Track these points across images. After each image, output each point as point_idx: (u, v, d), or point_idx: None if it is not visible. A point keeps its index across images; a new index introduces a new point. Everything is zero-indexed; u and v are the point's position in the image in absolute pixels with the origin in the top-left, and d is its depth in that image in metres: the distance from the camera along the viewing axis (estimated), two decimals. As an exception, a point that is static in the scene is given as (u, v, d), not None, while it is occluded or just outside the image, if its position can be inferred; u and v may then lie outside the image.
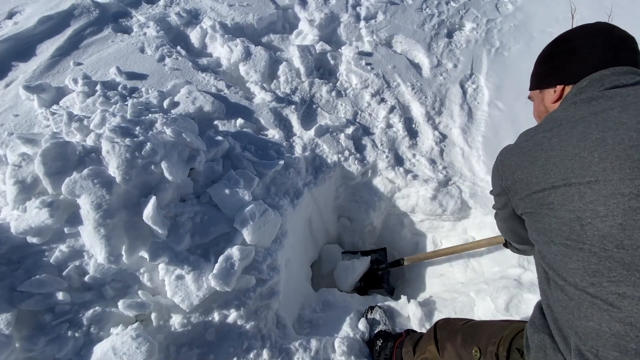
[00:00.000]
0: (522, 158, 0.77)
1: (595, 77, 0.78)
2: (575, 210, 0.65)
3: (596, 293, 0.62)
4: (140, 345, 1.12)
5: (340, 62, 2.62)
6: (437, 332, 1.16)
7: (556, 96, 0.88)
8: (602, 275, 0.62)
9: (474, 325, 1.07)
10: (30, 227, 1.24)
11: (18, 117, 1.85)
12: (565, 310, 0.68)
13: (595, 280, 0.63)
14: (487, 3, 3.33)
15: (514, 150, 0.80)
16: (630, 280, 0.59)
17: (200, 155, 1.54)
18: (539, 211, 0.72)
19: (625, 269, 0.59)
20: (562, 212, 0.67)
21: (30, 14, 2.46)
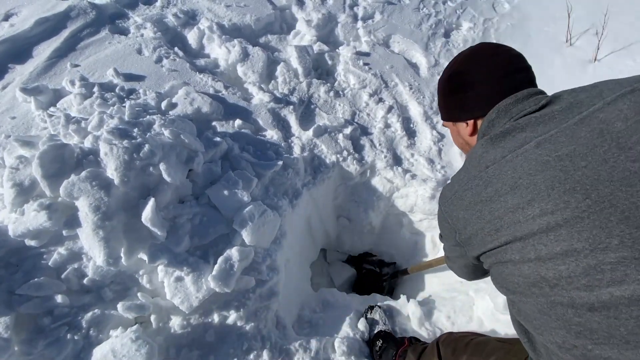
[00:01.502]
0: (467, 212, 0.73)
1: (501, 108, 0.76)
2: (537, 270, 0.61)
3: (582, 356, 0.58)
4: (139, 348, 1.11)
5: (338, 62, 2.62)
6: (441, 349, 1.15)
7: (470, 129, 0.87)
8: (586, 338, 0.57)
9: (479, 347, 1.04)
10: (29, 230, 1.23)
11: (15, 120, 1.84)
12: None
13: (578, 342, 0.58)
14: (484, 2, 3.34)
15: (456, 202, 0.76)
16: (613, 343, 0.55)
17: (199, 157, 1.54)
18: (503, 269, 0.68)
19: (605, 332, 0.55)
20: (526, 270, 0.63)
21: (27, 16, 2.44)
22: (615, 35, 2.68)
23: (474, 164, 0.75)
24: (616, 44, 2.66)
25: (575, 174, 0.59)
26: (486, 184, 0.69)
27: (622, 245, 0.53)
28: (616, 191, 0.55)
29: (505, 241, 0.65)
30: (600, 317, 0.55)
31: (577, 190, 0.57)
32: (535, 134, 0.67)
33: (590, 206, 0.56)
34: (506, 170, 0.66)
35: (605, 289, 0.54)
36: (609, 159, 0.57)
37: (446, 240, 0.90)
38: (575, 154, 0.60)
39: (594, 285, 0.55)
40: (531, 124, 0.69)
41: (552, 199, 0.59)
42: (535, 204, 0.61)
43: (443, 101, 0.94)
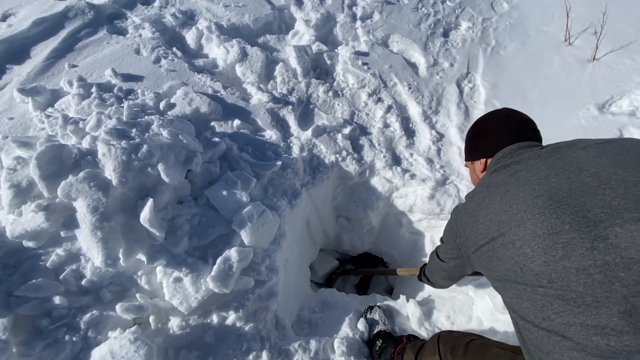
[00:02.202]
0: (469, 218, 0.93)
1: (506, 151, 1.02)
2: (512, 256, 0.77)
3: (549, 327, 0.70)
4: (138, 349, 1.11)
5: (337, 62, 2.62)
6: (440, 346, 1.16)
7: (482, 166, 1.13)
8: (548, 309, 0.70)
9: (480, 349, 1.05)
10: (26, 231, 1.23)
11: (13, 120, 1.84)
12: (536, 348, 0.75)
13: (544, 315, 0.71)
14: (483, 2, 3.34)
15: (463, 211, 0.98)
16: (568, 309, 0.67)
17: (197, 157, 1.54)
18: (490, 260, 0.85)
19: (561, 300, 0.68)
20: (505, 259, 0.79)
21: (25, 16, 2.44)
22: (614, 35, 2.68)
23: (481, 185, 0.98)
24: (615, 44, 2.66)
25: (546, 186, 0.79)
26: (485, 197, 0.90)
27: (571, 229, 0.71)
28: (572, 195, 0.75)
29: (492, 237, 0.83)
30: (557, 286, 0.69)
31: (545, 196, 0.77)
32: (526, 165, 0.90)
33: (551, 205, 0.75)
34: (501, 187, 0.88)
35: (559, 262, 0.70)
36: (571, 176, 0.78)
37: (446, 243, 1.10)
38: (550, 174, 0.81)
39: (550, 261, 0.71)
40: (524, 159, 0.93)
41: (526, 201, 0.79)
42: (514, 206, 0.80)
43: (467, 145, 1.22)
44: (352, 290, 2.51)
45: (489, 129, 1.12)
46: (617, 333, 0.62)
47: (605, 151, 0.81)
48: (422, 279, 1.52)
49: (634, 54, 2.56)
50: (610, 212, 0.69)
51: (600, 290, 0.65)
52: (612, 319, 0.63)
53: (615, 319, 0.63)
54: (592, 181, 0.75)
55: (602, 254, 0.66)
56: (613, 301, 0.63)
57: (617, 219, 0.68)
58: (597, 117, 2.21)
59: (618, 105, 2.27)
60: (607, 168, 0.76)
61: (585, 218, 0.70)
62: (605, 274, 0.65)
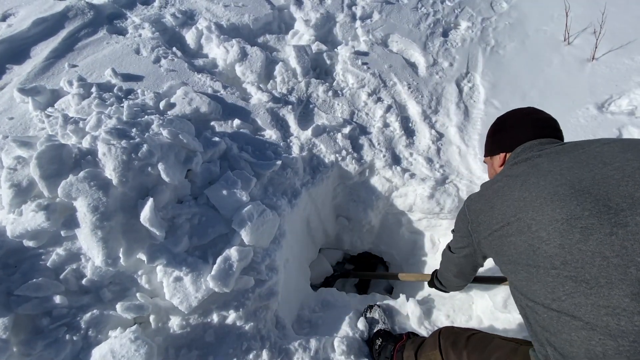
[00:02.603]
0: (484, 204, 0.96)
1: (527, 145, 1.04)
2: (527, 240, 0.79)
3: (559, 307, 0.72)
4: (139, 348, 1.11)
5: (337, 61, 2.62)
6: (441, 340, 1.16)
7: (501, 161, 1.15)
8: (559, 291, 0.72)
9: (482, 341, 1.05)
10: (27, 231, 1.23)
11: (13, 120, 1.84)
12: (543, 329, 0.77)
13: (555, 296, 0.73)
14: (482, 2, 3.34)
15: (478, 199, 1.01)
16: (580, 290, 0.69)
17: (197, 157, 1.54)
18: (502, 245, 0.87)
19: (573, 282, 0.70)
20: (519, 243, 0.81)
21: (24, 16, 2.44)
22: (613, 34, 2.68)
23: (500, 174, 1.01)
24: (614, 43, 2.67)
25: (568, 176, 0.81)
26: (503, 185, 0.93)
27: (591, 215, 0.72)
28: (594, 185, 0.76)
29: (507, 222, 0.85)
30: (570, 268, 0.71)
31: (567, 185, 0.79)
32: (548, 158, 0.91)
33: (572, 193, 0.77)
34: (521, 176, 0.90)
35: (575, 245, 0.71)
36: (594, 169, 0.80)
37: (457, 232, 1.14)
38: (573, 167, 0.83)
39: (565, 244, 0.73)
40: (546, 154, 0.94)
41: (546, 189, 0.81)
42: (534, 193, 0.82)
43: (488, 140, 1.25)
44: (352, 289, 2.52)
45: (511, 124, 1.14)
46: (629, 313, 0.63)
47: (630, 147, 0.82)
48: (435, 283, 1.54)
49: (633, 54, 2.57)
50: (632, 202, 0.70)
51: (615, 273, 0.66)
52: (624, 299, 0.64)
53: (627, 299, 0.64)
54: (616, 174, 0.76)
55: (621, 240, 0.68)
56: (627, 283, 0.65)
57: (638, 208, 0.69)
58: (597, 116, 2.21)
59: (617, 104, 2.27)
60: (632, 163, 0.76)
61: (606, 207, 0.72)
62: (622, 257, 0.66)
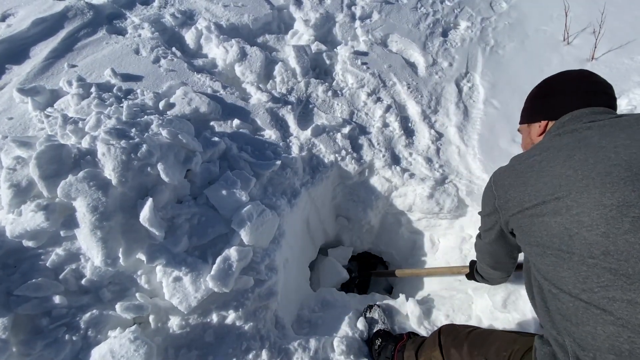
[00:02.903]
0: (515, 179, 0.85)
1: (576, 114, 0.90)
2: (563, 223, 0.71)
3: (589, 299, 0.67)
4: (138, 348, 1.11)
5: (336, 61, 2.62)
6: (442, 337, 1.16)
7: (541, 130, 1.01)
8: (592, 282, 0.66)
9: (482, 334, 1.05)
10: (26, 231, 1.23)
11: (12, 120, 1.84)
12: (563, 318, 0.72)
13: (586, 286, 0.67)
14: (482, 1, 3.34)
15: (508, 172, 0.89)
16: (617, 285, 0.63)
17: (197, 157, 1.54)
18: (531, 225, 0.79)
19: (612, 274, 0.64)
20: (553, 225, 0.73)
21: (24, 16, 2.44)
22: (612, 34, 2.69)
23: (536, 148, 0.87)
24: (613, 43, 2.67)
25: (624, 156, 0.70)
26: (542, 159, 0.81)
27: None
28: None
29: (542, 200, 0.76)
30: (612, 259, 0.64)
31: (622, 165, 0.69)
32: (600, 132, 0.79)
33: (629, 176, 0.67)
34: (565, 150, 0.79)
35: (622, 236, 0.64)
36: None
37: (484, 211, 1.02)
38: (631, 145, 0.72)
39: (610, 232, 0.65)
40: (598, 126, 0.82)
41: (596, 168, 0.70)
42: (580, 171, 0.72)
43: (529, 104, 1.09)
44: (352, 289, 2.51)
45: (559, 88, 0.98)
46: None
47: None
48: (475, 277, 1.45)
49: (632, 53, 2.57)
50: None
51: None
52: None
53: None
54: None
55: None
56: None
57: None
58: (596, 116, 2.21)
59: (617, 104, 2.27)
60: None
61: None
62: None
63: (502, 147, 2.16)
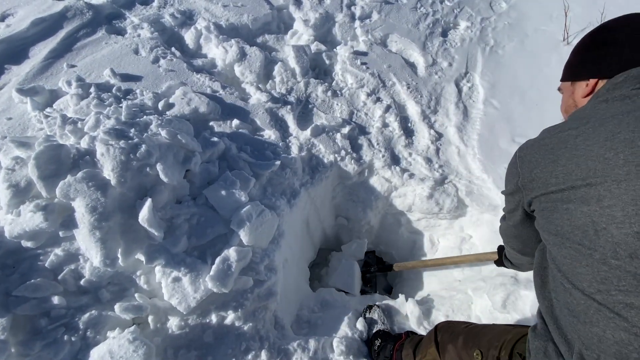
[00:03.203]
0: (543, 155, 0.73)
1: (633, 74, 0.73)
2: (590, 214, 0.62)
3: (603, 300, 0.61)
4: (137, 349, 1.11)
5: (336, 61, 2.62)
6: (438, 334, 1.16)
7: (588, 90, 0.83)
8: (611, 284, 0.60)
9: (476, 328, 1.06)
10: (25, 231, 1.23)
11: (11, 121, 1.84)
12: (570, 313, 0.67)
13: (603, 287, 0.61)
14: (482, 1, 3.34)
15: (536, 147, 0.76)
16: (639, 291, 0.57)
17: (196, 157, 1.54)
18: (554, 211, 0.69)
19: (635, 280, 0.57)
20: (578, 214, 0.64)
21: (23, 16, 2.44)
22: (612, 34, 2.68)
23: (575, 119, 0.74)
24: (613, 43, 2.66)
25: None
26: (578, 134, 0.68)
27: None
28: None
29: (571, 185, 0.65)
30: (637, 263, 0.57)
31: None
32: None
33: None
34: (608, 125, 0.65)
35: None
36: None
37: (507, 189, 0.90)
38: None
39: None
40: None
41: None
42: (621, 155, 0.60)
43: (576, 56, 0.91)
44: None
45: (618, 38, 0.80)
46: None
47: None
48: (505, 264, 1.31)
49: (632, 53, 2.56)
50: None
51: None
52: None
53: None
54: None
55: None
56: None
57: None
58: (596, 116, 2.21)
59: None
60: None
61: None
62: None
63: (502, 147, 2.16)
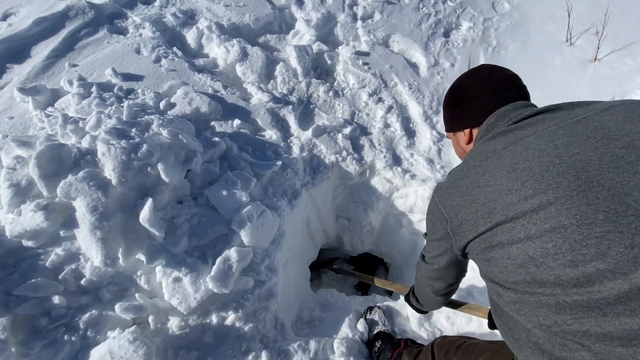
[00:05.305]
0: (462, 198, 0.75)
1: (501, 113, 0.84)
2: (526, 249, 0.63)
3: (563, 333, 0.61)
4: (137, 349, 1.11)
5: (338, 62, 2.61)
6: (435, 351, 1.17)
7: (467, 138, 0.95)
8: (566, 314, 0.60)
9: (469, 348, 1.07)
10: (26, 231, 1.23)
11: (13, 120, 1.84)
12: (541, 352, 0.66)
13: (559, 318, 0.61)
14: (484, 2, 3.33)
15: (452, 191, 0.78)
16: (591, 317, 0.58)
17: (197, 157, 1.54)
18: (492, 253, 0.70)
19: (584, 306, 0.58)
20: (514, 252, 0.65)
21: (25, 16, 2.44)
22: (615, 35, 2.67)
23: (474, 157, 0.79)
24: (616, 44, 2.65)
25: (569, 159, 0.64)
26: (484, 171, 0.73)
27: (607, 219, 0.57)
28: (604, 172, 0.60)
29: (497, 222, 0.68)
30: (584, 291, 0.58)
31: (570, 172, 0.62)
32: (535, 130, 0.73)
33: (580, 185, 0.61)
34: (505, 158, 0.71)
35: (590, 263, 0.57)
36: (599, 147, 0.63)
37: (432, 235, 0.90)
38: (571, 143, 0.66)
39: (578, 261, 0.58)
40: (532, 124, 0.75)
41: (545, 179, 0.63)
42: (528, 184, 0.65)
43: (446, 114, 1.04)
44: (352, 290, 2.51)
45: (470, 93, 0.92)
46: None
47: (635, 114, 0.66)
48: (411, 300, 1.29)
49: (635, 54, 2.56)
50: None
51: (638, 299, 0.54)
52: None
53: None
54: (628, 154, 0.60)
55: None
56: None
57: None
58: (599, 117, 2.20)
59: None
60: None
61: (624, 205, 0.57)
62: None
63: (504, 148, 2.15)
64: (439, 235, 0.85)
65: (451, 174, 0.83)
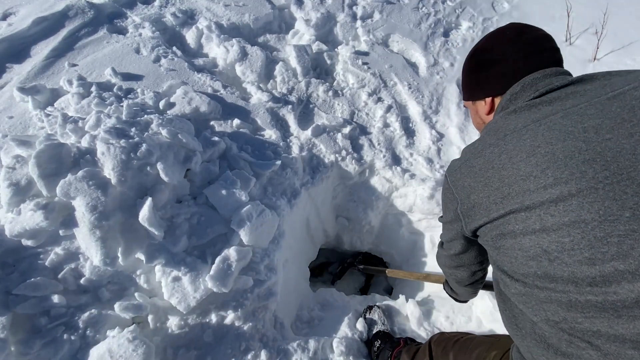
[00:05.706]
0: (474, 179, 0.70)
1: (527, 81, 0.74)
2: (540, 242, 0.59)
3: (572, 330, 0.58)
4: (137, 348, 1.11)
5: (337, 61, 2.61)
6: (432, 348, 1.17)
7: (487, 107, 0.86)
8: (577, 311, 0.57)
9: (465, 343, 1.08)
10: (25, 230, 1.23)
11: (12, 119, 1.84)
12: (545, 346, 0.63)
13: (569, 315, 0.58)
14: (484, 2, 3.33)
15: (465, 170, 0.73)
16: (604, 317, 0.54)
17: (197, 156, 1.54)
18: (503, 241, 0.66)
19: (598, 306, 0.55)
20: (527, 243, 0.61)
21: (25, 15, 2.44)
22: (614, 35, 2.68)
23: (491, 133, 0.72)
24: (616, 43, 2.66)
25: (597, 146, 0.56)
26: (501, 152, 0.66)
27: (634, 217, 0.51)
28: (637, 164, 0.53)
29: (511, 210, 0.63)
30: (599, 291, 0.54)
31: (597, 162, 0.55)
32: (563, 107, 0.64)
33: (607, 177, 0.54)
34: (525, 138, 0.64)
35: (609, 263, 0.53)
36: (635, 133, 0.55)
37: (445, 217, 0.86)
38: (602, 126, 0.58)
39: (597, 259, 0.54)
40: (560, 98, 0.66)
41: (568, 168, 0.57)
42: (549, 172, 0.58)
43: (465, 79, 0.93)
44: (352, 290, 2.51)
45: (495, 57, 0.82)
46: None
47: None
48: (446, 290, 1.27)
49: (634, 54, 2.56)
50: None
51: None
52: None
53: None
54: None
55: None
56: None
57: None
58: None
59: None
60: None
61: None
62: None
63: (503, 147, 2.15)
64: (450, 218, 0.80)
65: (465, 151, 0.77)
